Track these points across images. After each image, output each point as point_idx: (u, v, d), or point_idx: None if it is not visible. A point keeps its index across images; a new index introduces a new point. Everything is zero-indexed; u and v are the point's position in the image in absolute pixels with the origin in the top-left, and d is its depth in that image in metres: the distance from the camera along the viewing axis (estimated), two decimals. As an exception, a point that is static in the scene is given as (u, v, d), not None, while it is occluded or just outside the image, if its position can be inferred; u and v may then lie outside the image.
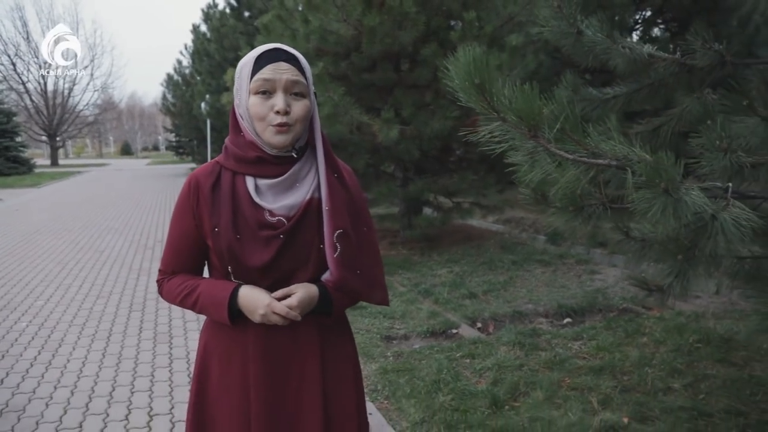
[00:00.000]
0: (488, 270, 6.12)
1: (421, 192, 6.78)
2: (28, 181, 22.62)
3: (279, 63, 1.35)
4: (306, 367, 1.44)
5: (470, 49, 1.91)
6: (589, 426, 2.78)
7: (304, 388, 1.44)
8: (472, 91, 1.94)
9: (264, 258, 1.37)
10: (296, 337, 1.44)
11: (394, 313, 4.66)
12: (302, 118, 1.37)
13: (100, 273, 6.59)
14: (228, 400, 1.45)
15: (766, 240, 2.29)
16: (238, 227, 1.38)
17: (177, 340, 4.34)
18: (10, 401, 3.32)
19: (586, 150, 2.02)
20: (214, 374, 1.47)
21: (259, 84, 1.35)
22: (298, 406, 1.44)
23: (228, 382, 1.45)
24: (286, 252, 1.39)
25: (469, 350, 3.84)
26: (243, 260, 1.37)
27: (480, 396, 3.13)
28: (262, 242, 1.38)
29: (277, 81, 1.34)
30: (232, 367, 1.44)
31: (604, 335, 4.11)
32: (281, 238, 1.38)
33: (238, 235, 1.37)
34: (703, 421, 2.87)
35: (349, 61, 6.55)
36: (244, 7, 14.78)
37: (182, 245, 1.49)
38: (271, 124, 1.35)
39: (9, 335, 4.46)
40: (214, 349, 1.48)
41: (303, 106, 1.37)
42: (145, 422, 3.06)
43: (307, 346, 1.45)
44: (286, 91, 1.35)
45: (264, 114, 1.35)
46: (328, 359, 1.47)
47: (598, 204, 2.29)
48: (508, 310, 4.75)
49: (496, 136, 2.05)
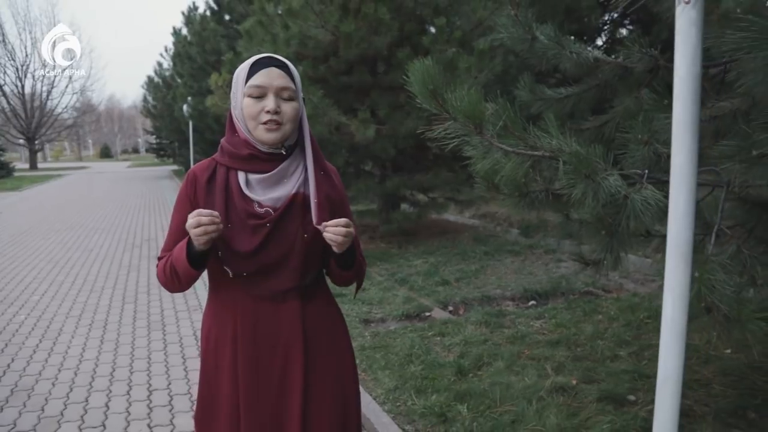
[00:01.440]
0: (461, 260, 6.50)
1: (397, 188, 7.14)
2: (9, 185, 22.59)
3: (271, 69, 1.50)
4: (289, 349, 1.56)
5: (424, 61, 2.27)
6: (541, 387, 3.16)
7: (284, 361, 1.56)
8: (428, 96, 2.31)
9: (253, 244, 1.50)
10: (278, 319, 1.56)
11: (372, 300, 5.01)
12: (291, 118, 1.51)
13: (90, 270, 6.86)
14: (224, 376, 1.57)
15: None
16: (230, 217, 1.51)
17: (170, 327, 4.65)
18: (18, 382, 3.62)
19: (526, 144, 2.39)
20: (213, 354, 1.60)
21: (253, 88, 1.49)
22: (280, 381, 1.55)
23: (223, 361, 1.57)
24: (272, 240, 1.51)
25: (439, 329, 4.21)
26: (233, 246, 1.50)
27: (447, 366, 3.50)
28: (250, 230, 1.51)
29: (268, 85, 1.49)
30: (227, 347, 1.56)
31: (563, 314, 4.50)
32: (267, 227, 1.51)
33: (230, 224, 1.50)
34: (642, 381, 3.26)
35: (327, 65, 6.88)
36: (225, 10, 15.02)
37: (180, 232, 1.56)
38: (262, 123, 1.49)
39: (9, 326, 4.74)
40: (211, 331, 1.61)
41: (292, 108, 1.51)
42: (145, 396, 3.38)
43: (290, 327, 1.56)
44: (276, 94, 1.49)
45: (256, 114, 1.49)
46: (312, 340, 1.58)
47: (541, 190, 2.67)
48: (477, 294, 5.13)
49: (450, 133, 2.41)
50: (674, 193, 1.48)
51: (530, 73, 4.12)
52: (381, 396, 3.21)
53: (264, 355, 1.55)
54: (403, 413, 3.00)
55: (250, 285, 1.54)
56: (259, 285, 1.54)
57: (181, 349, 4.14)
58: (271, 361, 1.55)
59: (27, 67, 38.03)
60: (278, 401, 1.56)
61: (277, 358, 1.55)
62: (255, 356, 1.54)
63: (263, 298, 1.55)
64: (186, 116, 15.16)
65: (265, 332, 1.55)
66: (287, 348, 1.55)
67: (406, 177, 7.27)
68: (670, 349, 1.55)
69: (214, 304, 1.63)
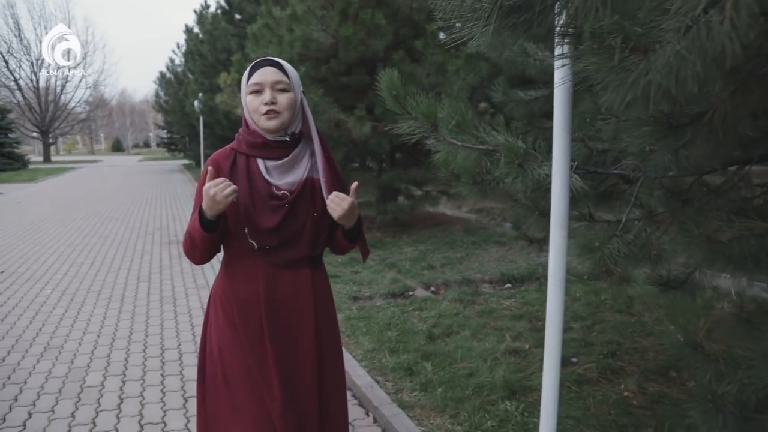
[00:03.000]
0: (449, 249, 7.01)
1: (392, 181, 7.66)
2: (24, 177, 23.25)
3: (265, 68, 1.74)
4: (302, 306, 1.83)
5: (390, 71, 2.78)
6: (497, 350, 3.68)
7: (301, 317, 1.82)
8: (392, 100, 2.82)
9: (274, 221, 1.73)
10: (295, 283, 1.81)
11: (362, 281, 5.54)
12: (287, 107, 1.73)
13: (107, 253, 7.44)
14: (247, 331, 1.79)
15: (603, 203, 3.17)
16: (254, 198, 1.74)
17: (180, 301, 5.20)
18: (50, 342, 4.18)
19: (476, 139, 2.90)
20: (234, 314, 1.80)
21: (252, 86, 1.73)
22: (298, 333, 1.82)
23: (247, 317, 1.79)
24: (289, 218, 1.75)
25: (419, 305, 4.73)
26: (258, 222, 1.73)
27: (420, 333, 4.02)
28: (271, 209, 1.74)
29: (264, 81, 1.72)
30: (250, 306, 1.78)
31: (533, 295, 5.01)
32: (286, 207, 1.75)
33: (254, 203, 1.73)
34: (586, 348, 3.77)
35: (328, 66, 7.41)
36: (235, 10, 15.58)
37: None
38: (263, 113, 1.72)
39: (38, 299, 5.31)
40: (230, 297, 1.81)
41: (287, 98, 1.73)
42: (158, 353, 3.93)
43: (303, 289, 1.83)
44: (272, 87, 1.72)
45: (256, 107, 1.73)
46: (318, 299, 1.86)
47: (491, 179, 3.18)
48: (458, 277, 5.64)
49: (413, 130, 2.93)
50: (555, 178, 2.00)
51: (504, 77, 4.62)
52: (360, 355, 3.74)
53: (284, 310, 1.80)
54: (377, 368, 3.53)
55: (271, 255, 1.77)
56: (279, 255, 1.77)
57: (189, 319, 4.69)
58: (290, 314, 1.81)
59: (42, 62, 38.87)
60: (296, 347, 1.81)
61: (294, 312, 1.81)
62: (277, 312, 1.79)
63: (282, 266, 1.79)
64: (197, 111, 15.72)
65: (284, 293, 1.80)
66: (302, 305, 1.82)
67: (401, 171, 7.79)
68: (554, 296, 2.06)
69: (235, 274, 1.82)
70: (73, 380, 3.51)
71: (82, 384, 3.46)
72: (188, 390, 3.34)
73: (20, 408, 3.16)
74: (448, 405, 3.00)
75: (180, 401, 3.22)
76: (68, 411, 3.12)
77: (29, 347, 4.06)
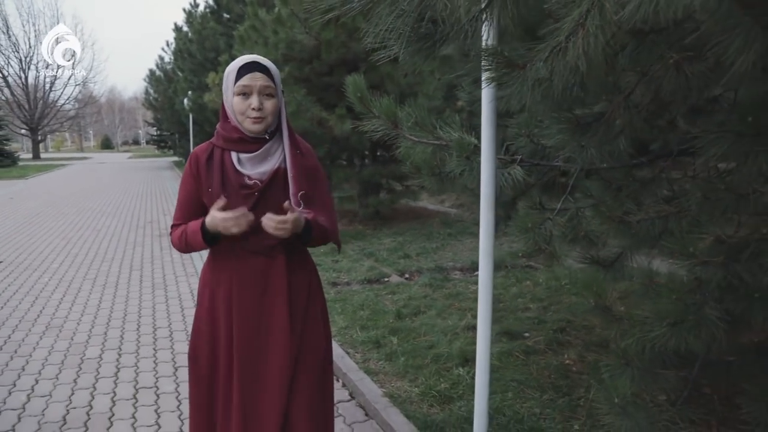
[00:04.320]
0: (426, 240, 7.42)
1: (372, 176, 8.05)
2: (15, 173, 23.45)
3: (254, 73, 1.79)
4: (276, 288, 1.88)
5: (355, 76, 3.17)
6: (457, 326, 4.08)
7: (275, 302, 1.88)
8: (358, 101, 3.21)
9: (244, 209, 1.78)
10: (267, 267, 1.87)
11: (341, 269, 5.93)
12: (271, 112, 1.82)
13: (101, 245, 7.78)
14: (219, 314, 1.90)
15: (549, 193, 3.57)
16: (226, 187, 1.83)
17: (170, 287, 5.57)
18: (51, 322, 4.54)
19: (432, 135, 3.28)
20: (209, 297, 1.93)
21: (240, 89, 1.79)
22: (267, 321, 1.88)
23: (218, 303, 1.90)
24: (260, 205, 1.82)
25: (392, 290, 5.13)
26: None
27: (390, 313, 4.42)
28: (242, 198, 1.82)
29: (253, 85, 1.79)
30: (221, 290, 1.90)
31: (498, 280, 5.41)
32: (256, 195, 1.83)
33: (226, 193, 1.81)
34: (539, 325, 4.17)
35: (311, 66, 7.78)
36: (223, 9, 15.90)
37: (186, 203, 1.93)
38: (249, 117, 1.79)
39: (36, 286, 5.66)
40: (209, 281, 1.94)
41: (272, 104, 1.82)
42: (151, 331, 4.30)
43: (276, 276, 1.88)
44: (259, 93, 1.79)
45: (244, 110, 1.80)
46: (294, 286, 1.90)
47: (448, 171, 3.57)
48: (432, 265, 6.04)
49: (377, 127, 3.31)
50: (483, 167, 2.39)
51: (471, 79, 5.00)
52: (334, 332, 4.12)
53: (255, 296, 1.87)
54: (349, 342, 3.92)
55: (244, 242, 1.83)
56: (251, 241, 1.83)
57: (179, 302, 5.06)
58: (261, 300, 1.87)
59: (30, 59, 38.90)
60: (264, 332, 1.88)
61: (266, 298, 1.87)
62: (248, 297, 1.86)
63: (256, 253, 1.86)
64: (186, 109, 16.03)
65: (257, 279, 1.87)
66: (274, 292, 1.87)
67: (381, 167, 8.18)
68: (484, 265, 2.46)
69: (215, 260, 1.95)
70: (74, 353, 3.87)
71: (82, 356, 3.82)
72: (178, 360, 3.72)
73: (27, 376, 3.52)
74: (409, 371, 3.40)
75: (171, 369, 3.60)
76: (70, 378, 3.49)
77: (32, 326, 4.42)
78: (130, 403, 3.16)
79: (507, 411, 2.89)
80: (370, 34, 1.67)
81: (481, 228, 2.47)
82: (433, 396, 3.08)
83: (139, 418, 3.00)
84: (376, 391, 3.17)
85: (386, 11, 1.55)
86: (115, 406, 3.14)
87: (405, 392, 3.16)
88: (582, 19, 1.51)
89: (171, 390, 3.32)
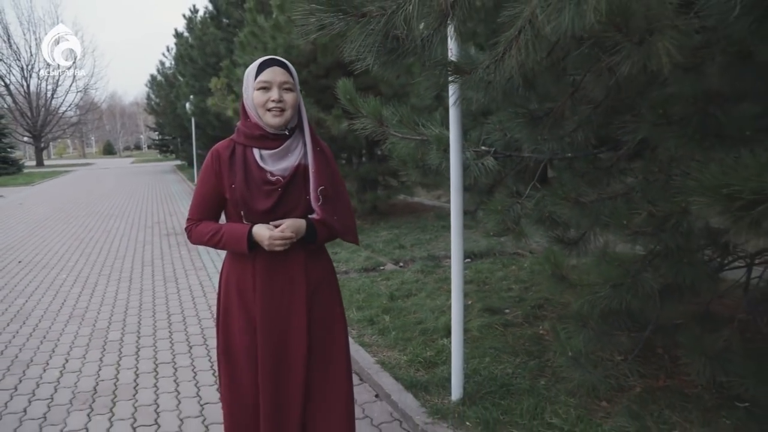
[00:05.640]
0: (420, 232, 7.81)
1: (369, 173, 8.45)
2: (21, 180, 23.89)
3: (274, 68, 1.88)
4: (295, 279, 1.97)
5: (345, 80, 3.57)
6: (444, 305, 4.48)
7: (294, 291, 1.96)
8: (348, 103, 3.61)
9: (267, 204, 1.88)
10: (287, 261, 1.95)
11: (340, 259, 6.33)
12: (291, 105, 1.88)
13: (112, 244, 8.20)
14: (241, 306, 1.97)
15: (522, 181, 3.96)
16: (249, 183, 1.88)
17: (181, 280, 5.98)
18: (73, 312, 4.95)
19: (415, 132, 3.68)
20: (233, 292, 1.99)
21: (260, 84, 1.86)
22: (288, 308, 1.96)
23: (242, 295, 1.97)
24: (282, 201, 1.89)
25: (386, 276, 5.53)
26: (252, 206, 1.88)
27: (383, 296, 4.82)
28: (265, 193, 1.89)
29: (273, 80, 1.86)
30: (246, 283, 1.96)
31: (486, 265, 5.82)
32: (279, 191, 1.89)
33: (249, 189, 1.88)
34: (520, 303, 4.57)
35: (308, 70, 8.18)
36: (223, 15, 16.32)
37: (206, 199, 1.98)
38: (269, 109, 1.85)
39: (56, 282, 6.08)
40: (232, 275, 2.00)
41: (292, 97, 1.89)
42: (165, 317, 4.72)
43: (296, 267, 1.97)
44: (279, 87, 1.87)
45: (264, 102, 1.86)
46: (310, 276, 2.00)
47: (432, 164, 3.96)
48: (425, 254, 6.44)
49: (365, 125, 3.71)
50: (452, 155, 2.79)
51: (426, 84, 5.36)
52: (333, 313, 4.53)
53: (276, 287, 1.96)
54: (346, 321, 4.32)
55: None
56: None
57: (190, 293, 5.47)
58: (282, 291, 1.96)
59: (32, 67, 39.36)
60: (286, 321, 1.97)
61: (286, 289, 1.96)
62: (269, 288, 1.95)
63: None
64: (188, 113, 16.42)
65: (277, 271, 1.95)
66: (293, 282, 1.97)
67: (377, 164, 8.59)
68: (455, 239, 2.85)
69: (235, 254, 2.00)
70: (97, 337, 4.29)
71: (104, 339, 4.24)
72: (192, 340, 4.13)
73: (58, 356, 3.94)
74: (399, 343, 3.80)
75: (186, 348, 4.01)
76: (96, 357, 3.90)
77: (56, 316, 4.84)
78: (152, 376, 3.57)
79: (483, 372, 3.29)
80: (348, 49, 2.07)
81: (452, 208, 2.87)
82: (420, 362, 3.48)
83: (161, 387, 3.41)
84: (369, 360, 3.58)
85: (358, 32, 1.95)
86: (138, 378, 3.55)
87: (395, 360, 3.56)
88: (516, 33, 1.92)
89: (187, 364, 3.72)
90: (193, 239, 2.02)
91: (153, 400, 3.23)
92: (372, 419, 3.01)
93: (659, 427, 2.66)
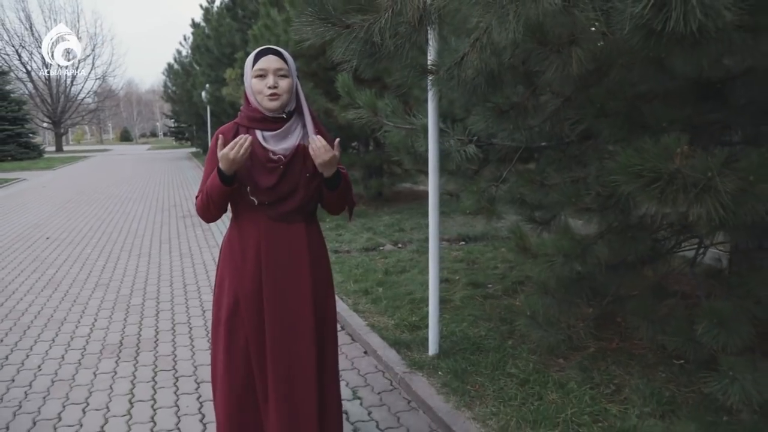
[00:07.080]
0: (421, 217, 8.23)
1: (374, 161, 8.90)
2: (42, 165, 24.60)
3: (269, 56, 1.99)
4: (297, 253, 2.07)
5: (343, 74, 4.01)
6: (434, 280, 4.92)
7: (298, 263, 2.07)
8: (346, 95, 4.06)
9: (271, 181, 2.00)
10: (290, 231, 2.07)
11: (343, 240, 6.80)
12: (286, 90, 1.98)
13: (132, 225, 8.74)
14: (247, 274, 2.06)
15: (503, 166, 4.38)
16: (253, 161, 1.99)
17: (195, 256, 6.49)
18: (98, 281, 5.47)
19: (405, 122, 4.11)
20: (238, 261, 2.08)
21: (257, 71, 1.97)
22: (295, 275, 2.07)
23: (247, 264, 2.05)
24: (284, 178, 2.01)
25: (384, 255, 5.99)
26: (257, 182, 1.99)
27: (379, 271, 5.28)
28: (268, 171, 2.00)
29: (268, 68, 1.96)
30: (250, 253, 2.06)
31: (478, 248, 6.25)
32: (281, 168, 2.00)
33: (254, 166, 1.99)
34: (502, 279, 5.00)
35: (318, 62, 8.62)
36: (238, 6, 16.79)
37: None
38: (265, 95, 1.95)
39: (81, 255, 6.61)
40: (235, 244, 2.09)
41: (287, 82, 1.98)
42: (182, 287, 5.22)
43: (299, 238, 2.08)
44: (274, 74, 1.96)
45: (260, 89, 1.96)
46: (312, 247, 2.11)
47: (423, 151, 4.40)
48: (422, 237, 6.88)
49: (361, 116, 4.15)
50: (430, 141, 3.23)
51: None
52: (332, 285, 5.00)
53: (281, 256, 2.06)
54: (343, 292, 4.79)
55: (269, 210, 2.03)
56: (276, 209, 2.03)
57: (204, 268, 5.97)
58: (286, 261, 2.07)
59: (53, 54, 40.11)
60: (293, 287, 2.07)
61: (291, 259, 2.07)
62: (275, 258, 2.05)
63: (278, 220, 2.04)
64: (204, 101, 16.96)
65: (281, 242, 2.06)
66: (297, 253, 2.08)
67: (382, 152, 9.03)
68: (432, 212, 3.30)
69: (239, 227, 2.10)
70: (121, 302, 4.80)
71: (128, 304, 4.75)
72: (206, 306, 4.63)
73: (87, 316, 4.45)
74: (388, 310, 4.26)
75: (200, 311, 4.51)
76: (121, 318, 4.41)
77: (83, 285, 5.36)
78: (170, 333, 4.07)
79: (458, 334, 3.74)
80: (336, 53, 2.51)
81: (430, 188, 3.31)
82: (405, 325, 3.93)
83: (177, 341, 3.90)
84: (360, 323, 4.04)
85: (344, 39, 2.39)
86: (158, 334, 4.05)
87: (383, 323, 4.02)
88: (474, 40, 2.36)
89: (201, 324, 4.22)
90: (198, 210, 2.12)
91: (171, 351, 3.73)
92: (359, 370, 3.47)
93: (602, 377, 3.10)
